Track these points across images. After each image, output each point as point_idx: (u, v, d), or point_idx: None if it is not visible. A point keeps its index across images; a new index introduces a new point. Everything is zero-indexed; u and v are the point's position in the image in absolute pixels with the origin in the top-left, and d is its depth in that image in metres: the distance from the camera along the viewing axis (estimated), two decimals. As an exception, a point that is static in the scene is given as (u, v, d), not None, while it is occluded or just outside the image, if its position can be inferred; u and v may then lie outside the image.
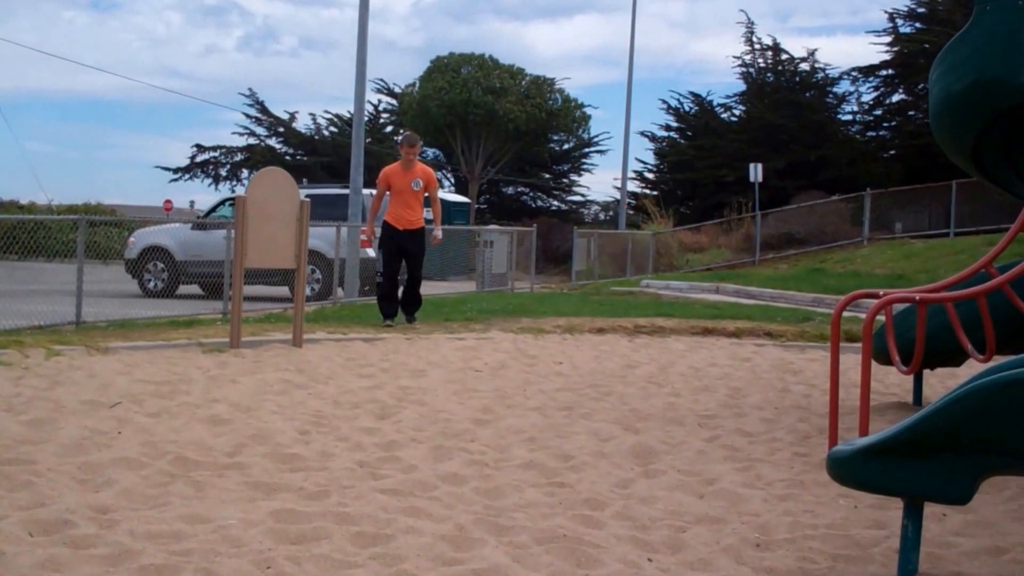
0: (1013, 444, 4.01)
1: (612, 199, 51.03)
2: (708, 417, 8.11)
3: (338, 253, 18.40)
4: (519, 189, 56.33)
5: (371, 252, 20.64)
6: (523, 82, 51.32)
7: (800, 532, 5.10)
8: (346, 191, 20.44)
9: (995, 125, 8.35)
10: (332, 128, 54.00)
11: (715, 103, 48.90)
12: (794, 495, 5.84)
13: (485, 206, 53.09)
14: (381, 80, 55.81)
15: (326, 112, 59.11)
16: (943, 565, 4.63)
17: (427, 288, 20.34)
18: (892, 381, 9.67)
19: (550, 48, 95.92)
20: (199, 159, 55.72)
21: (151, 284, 20.60)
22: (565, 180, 57.02)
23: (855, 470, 4.34)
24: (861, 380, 6.59)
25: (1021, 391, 3.90)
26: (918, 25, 42.06)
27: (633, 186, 48.97)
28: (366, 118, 47.27)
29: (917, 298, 6.67)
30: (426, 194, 13.81)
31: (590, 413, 8.08)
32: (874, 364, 7.86)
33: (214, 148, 55.68)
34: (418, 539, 4.76)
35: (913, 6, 42.67)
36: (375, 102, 54.95)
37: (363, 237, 12.79)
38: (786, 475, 6.31)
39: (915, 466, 4.17)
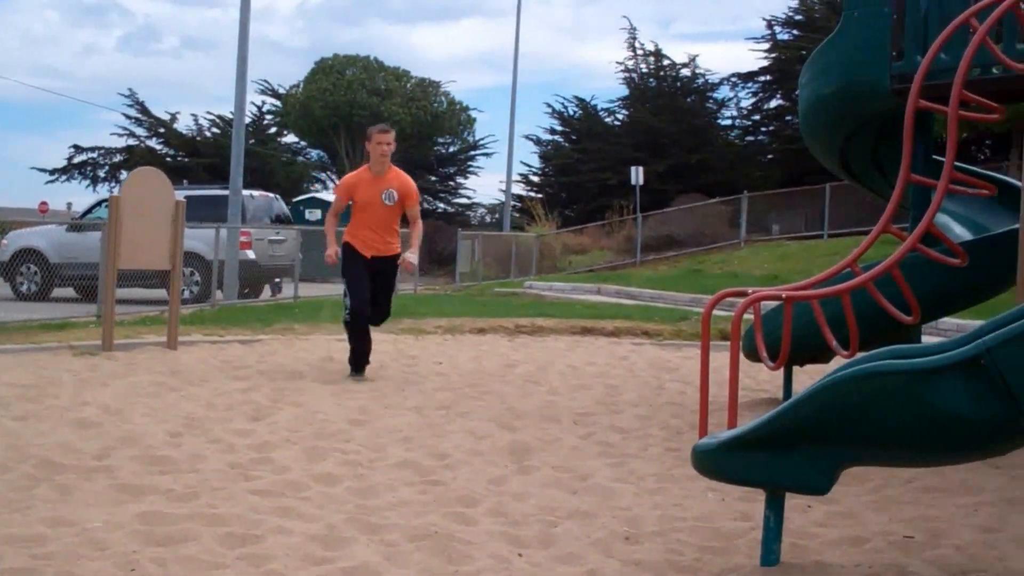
0: (868, 435, 4.14)
1: (498, 201, 51.16)
2: (584, 415, 8.19)
3: (217, 255, 18.17)
4: (405, 191, 56.18)
5: (251, 254, 20.46)
6: (408, 84, 51.26)
7: (669, 525, 5.19)
8: (227, 192, 20.21)
9: (863, 129, 8.58)
10: (215, 129, 53.23)
11: (599, 107, 49.38)
12: (664, 489, 5.93)
13: (370, 208, 52.80)
14: (265, 81, 55.22)
15: (208, 113, 58.42)
16: (805, 555, 4.73)
17: (307, 290, 20.31)
18: (764, 378, 9.86)
19: (436, 51, 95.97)
20: (77, 160, 54.50)
21: (24, 287, 20.14)
22: (451, 182, 57.02)
23: (718, 463, 4.43)
24: (729, 376, 6.70)
25: (874, 384, 4.03)
26: (795, 32, 42.91)
27: (518, 189, 49.26)
28: (249, 119, 46.94)
29: (784, 296, 6.82)
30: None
31: (467, 412, 8.10)
32: (747, 361, 8.03)
33: (93, 149, 54.50)
34: (288, 539, 4.74)
35: (791, 14, 43.54)
36: (258, 103, 54.35)
37: (328, 256, 9.82)
38: (658, 470, 6.40)
39: (776, 458, 4.27)
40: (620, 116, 48.48)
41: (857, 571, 4.55)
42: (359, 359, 9.80)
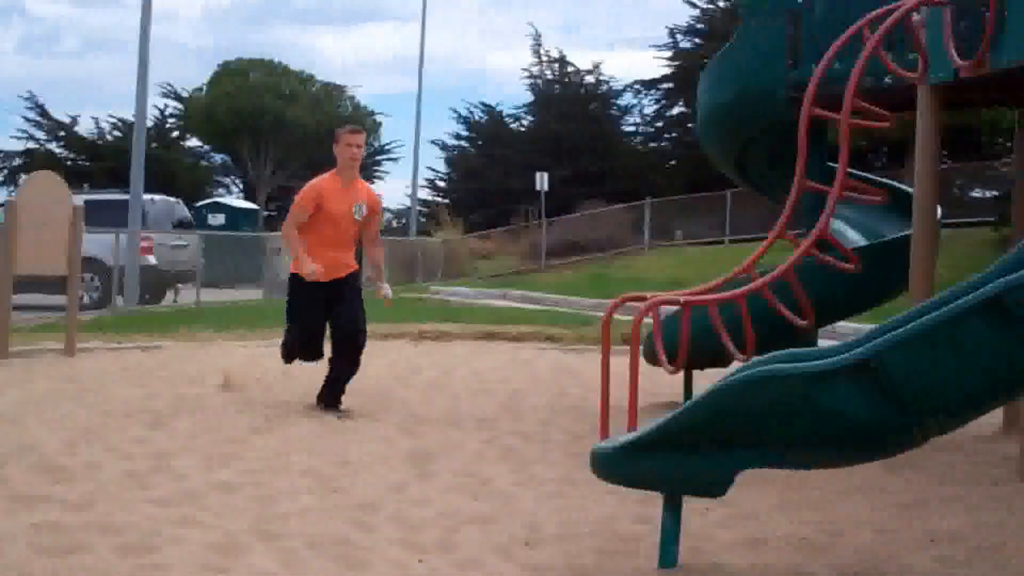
0: (762, 437, 4.21)
1: (404, 207, 51.03)
2: (486, 420, 8.20)
3: (117, 260, 17.90)
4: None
5: (152, 259, 20.17)
6: (313, 88, 50.91)
7: (569, 529, 5.22)
8: (128, 197, 19.91)
9: (759, 136, 8.71)
10: (116, 132, 52.34)
11: (505, 113, 49.44)
12: (565, 493, 5.97)
13: (275, 213, 52.36)
14: (168, 84, 54.35)
15: (110, 116, 57.28)
16: (703, 557, 4.80)
17: (212, 295, 20.10)
18: (664, 382, 9.90)
19: (342, 55, 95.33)
20: (-28, 164, 53.25)
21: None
22: (357, 187, 56.69)
23: (616, 466, 4.48)
24: (630, 380, 6.80)
25: (768, 387, 4.09)
26: (697, 40, 43.34)
27: (425, 194, 49.17)
28: (151, 123, 46.21)
29: (682, 301, 6.92)
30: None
31: (370, 418, 8.07)
32: (648, 365, 8.10)
33: (-9, 153, 53.29)
34: (185, 548, 4.69)
35: (692, 22, 44.00)
36: (161, 106, 53.58)
37: (309, 271, 7.92)
38: (559, 474, 6.43)
39: (672, 461, 4.32)
40: (526, 122, 48.65)
41: (754, 573, 4.63)
42: (292, 353, 8.58)
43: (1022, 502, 5.90)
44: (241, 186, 54.00)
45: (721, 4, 41.61)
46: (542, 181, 34.59)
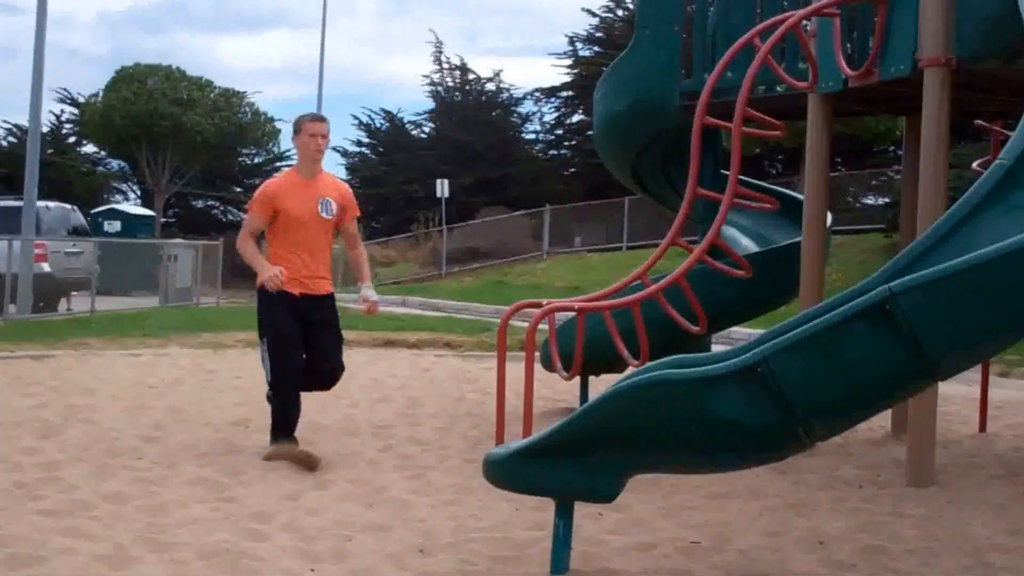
0: (653, 442, 4.25)
1: (305, 213, 50.49)
2: (383, 427, 8.18)
3: (10, 268, 17.52)
4: (209, 203, 55.06)
5: (46, 267, 19.77)
6: (212, 95, 50.25)
7: (463, 536, 5.22)
8: (21, 203, 19.50)
9: (654, 143, 8.80)
10: (11, 139, 51.20)
11: (405, 120, 49.24)
12: (460, 500, 5.97)
13: (173, 220, 51.65)
14: (64, 90, 53.30)
15: (5, 122, 55.99)
16: (594, 562, 4.83)
17: (106, 303, 19.73)
18: (562, 388, 9.98)
19: (242, 61, 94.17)
20: None
21: None
22: (256, 194, 56.11)
23: (508, 472, 4.49)
24: (524, 386, 6.83)
25: (657, 392, 4.13)
26: (596, 49, 43.62)
27: (325, 201, 48.79)
28: (46, 128, 45.30)
29: (577, 307, 6.96)
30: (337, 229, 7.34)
31: (265, 427, 7.97)
32: (546, 372, 8.14)
33: None
34: (73, 560, 4.61)
35: (592, 31, 44.30)
36: (57, 112, 52.52)
37: (272, 279, 6.71)
38: (455, 481, 6.43)
39: (564, 466, 4.34)
40: (427, 129, 48.56)
41: (643, 577, 4.68)
42: (287, 425, 7.01)
43: (909, 504, 6.03)
44: (138, 193, 53.18)
45: (620, 13, 41.95)
46: (443, 188, 34.63)
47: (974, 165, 8.54)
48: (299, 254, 6.90)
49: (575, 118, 45.11)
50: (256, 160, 54.58)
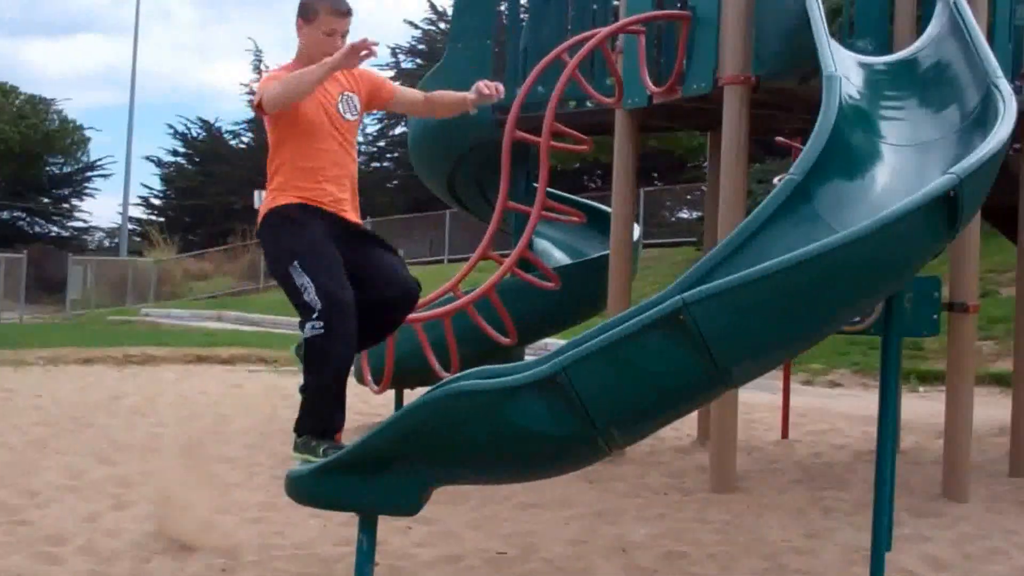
0: (455, 454, 4.24)
1: (117, 225, 49.30)
2: (190, 445, 7.98)
3: None
4: (15, 214, 53.19)
5: None
6: (17, 101, 48.61)
7: (268, 554, 5.14)
8: None
9: (467, 157, 8.84)
10: None
11: (223, 129, 48.46)
12: (267, 517, 5.88)
13: (-22, 230, 49.76)
14: None
15: None
16: (400, 575, 4.81)
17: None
18: (377, 402, 9.92)
19: (50, 67, 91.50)
20: None
21: None
22: (66, 205, 54.34)
23: (310, 488, 4.42)
24: (334, 401, 6.74)
25: (458, 403, 4.13)
26: (419, 61, 43.70)
27: (139, 212, 47.60)
28: None
29: (387, 320, 6.92)
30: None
31: (65, 446, 7.75)
32: (361, 386, 8.08)
33: None
34: None
35: (414, 43, 44.37)
36: None
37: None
38: (262, 498, 6.33)
39: (366, 481, 4.30)
40: (246, 139, 47.80)
41: (451, 589, 4.67)
42: (331, 410, 4.76)
43: (711, 510, 6.17)
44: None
45: (442, 26, 42.09)
46: (260, 199, 34.10)
47: (775, 180, 8.82)
48: (319, 165, 4.91)
49: (398, 130, 45.03)
50: (65, 169, 52.94)
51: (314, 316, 4.64)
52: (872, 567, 4.64)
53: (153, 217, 47.75)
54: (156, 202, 48.94)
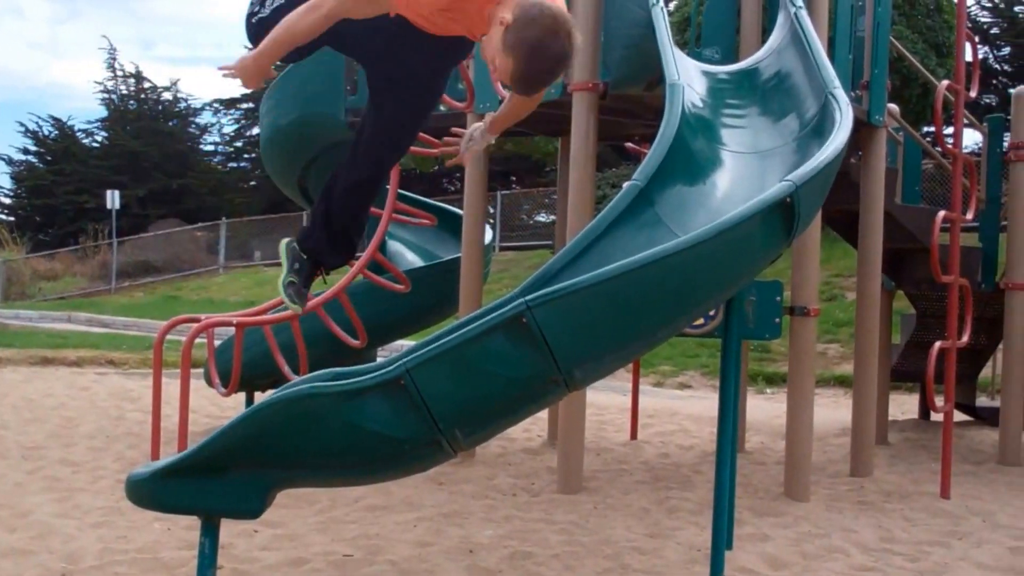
0: (299, 456, 4.22)
1: (-38, 224, 47.80)
2: (34, 449, 7.81)
3: None
4: None
5: None
6: None
7: (109, 558, 5.05)
8: None
9: (319, 157, 8.80)
10: None
11: (76, 128, 47.31)
12: (110, 522, 5.77)
13: None
14: None
15: None
16: (244, 579, 4.78)
17: None
18: (228, 404, 9.83)
19: None
20: None
21: None
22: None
23: (150, 491, 4.35)
24: (180, 403, 6.69)
25: (302, 406, 4.11)
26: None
27: (-13, 211, 46.32)
28: None
29: (235, 322, 6.87)
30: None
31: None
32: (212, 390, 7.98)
33: None
34: None
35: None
36: None
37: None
38: (105, 502, 6.21)
39: (207, 483, 4.25)
40: (99, 138, 46.81)
41: (295, 592, 4.65)
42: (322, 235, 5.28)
43: (558, 510, 6.24)
44: None
45: (301, 26, 41.81)
46: (113, 199, 33.47)
47: (624, 185, 8.94)
48: None
49: (255, 130, 44.61)
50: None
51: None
52: (712, 566, 4.74)
53: (2, 216, 46.46)
54: (6, 201, 47.65)
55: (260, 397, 8.64)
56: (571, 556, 5.26)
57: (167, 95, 46.48)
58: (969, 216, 7.61)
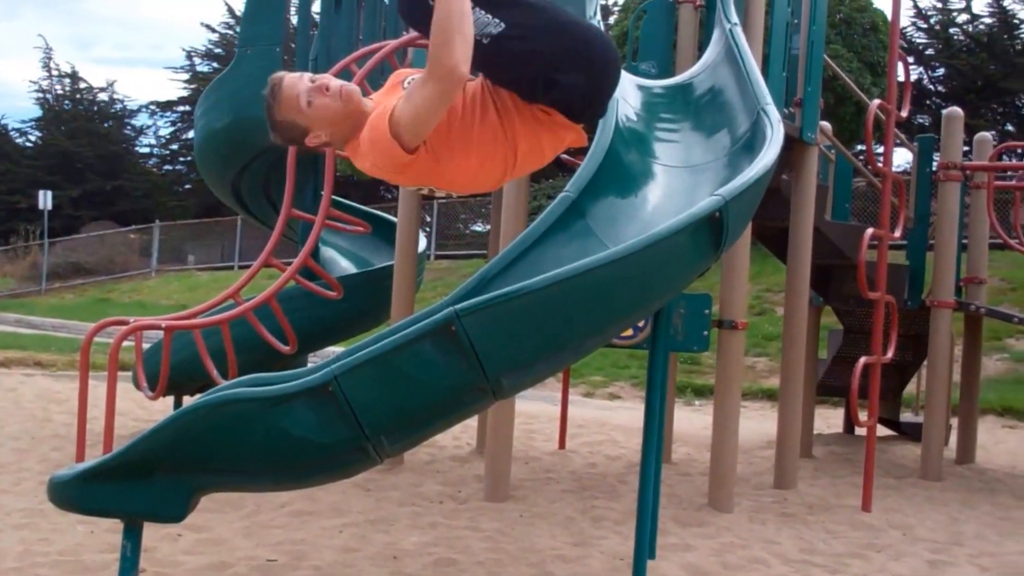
0: (223, 461, 4.21)
1: None
2: (-45, 450, 7.72)
3: None
4: None
5: None
6: None
7: (30, 560, 5.00)
8: None
9: (254, 162, 8.77)
10: None
11: (10, 127, 46.69)
12: (32, 524, 5.72)
13: None
14: None
15: None
16: (167, 583, 4.75)
17: None
18: (157, 408, 9.76)
19: None
20: None
21: None
22: None
23: (72, 494, 4.32)
24: (106, 406, 6.62)
25: (228, 411, 4.11)
26: (215, 65, 43.03)
27: (-85, 210, 45.51)
28: None
29: (164, 325, 6.82)
30: None
31: None
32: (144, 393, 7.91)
33: None
34: None
35: (211, 46, 43.70)
36: None
37: None
38: (28, 504, 6.15)
39: (130, 487, 4.23)
40: (33, 138, 46.23)
41: (218, 596, 4.63)
42: None
43: (484, 518, 6.26)
44: None
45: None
46: (45, 199, 33.05)
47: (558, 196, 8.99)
48: None
49: (191, 133, 44.21)
50: None
51: None
52: (634, 575, 4.79)
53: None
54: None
55: (188, 401, 8.60)
56: (495, 564, 5.28)
57: (103, 96, 46.05)
58: (897, 234, 7.74)
